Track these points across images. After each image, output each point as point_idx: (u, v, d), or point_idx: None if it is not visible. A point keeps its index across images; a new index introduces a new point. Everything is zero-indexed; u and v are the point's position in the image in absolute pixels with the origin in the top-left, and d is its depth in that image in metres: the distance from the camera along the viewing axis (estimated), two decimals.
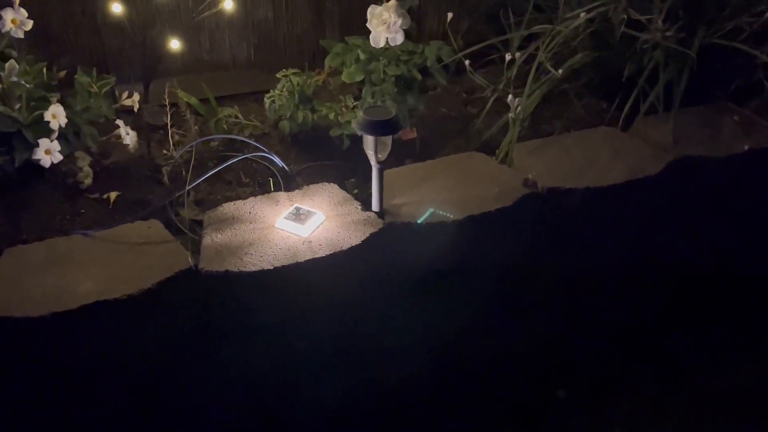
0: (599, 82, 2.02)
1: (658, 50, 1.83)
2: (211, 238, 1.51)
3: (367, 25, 1.75)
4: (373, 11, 1.74)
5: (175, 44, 1.96)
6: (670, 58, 1.83)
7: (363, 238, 1.51)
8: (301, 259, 1.46)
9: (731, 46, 1.82)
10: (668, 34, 1.79)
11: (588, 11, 1.86)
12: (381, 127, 1.51)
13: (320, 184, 1.69)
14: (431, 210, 1.57)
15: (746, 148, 1.83)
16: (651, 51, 1.84)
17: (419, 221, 1.56)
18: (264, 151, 1.81)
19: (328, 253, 1.48)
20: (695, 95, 1.89)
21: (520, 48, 1.96)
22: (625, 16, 1.82)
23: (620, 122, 1.91)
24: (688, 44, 1.81)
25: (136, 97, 1.83)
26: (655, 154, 1.81)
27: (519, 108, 1.81)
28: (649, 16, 1.81)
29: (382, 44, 1.77)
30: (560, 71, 1.85)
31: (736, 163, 1.84)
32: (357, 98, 1.90)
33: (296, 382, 1.63)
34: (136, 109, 1.83)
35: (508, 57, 1.89)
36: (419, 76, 1.89)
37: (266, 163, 1.82)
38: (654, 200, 1.81)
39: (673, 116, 1.85)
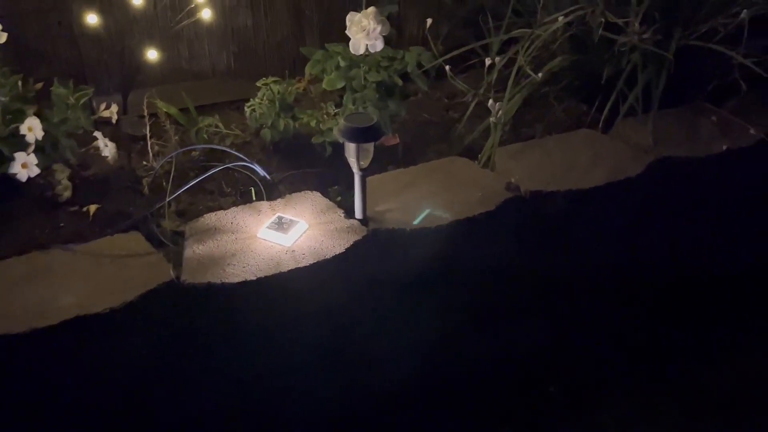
0: (579, 85, 2.04)
1: (636, 53, 1.85)
2: (193, 250, 1.50)
3: (347, 32, 1.74)
4: (352, 18, 1.74)
5: (153, 54, 1.95)
6: (648, 61, 1.85)
7: (347, 246, 1.51)
8: (285, 269, 1.45)
9: (707, 47, 1.85)
10: (645, 36, 1.80)
11: (566, 15, 1.87)
12: (363, 134, 1.50)
13: (303, 192, 1.69)
14: (427, 211, 1.57)
15: (724, 148, 1.85)
16: (629, 53, 1.86)
17: (415, 222, 1.56)
18: (245, 161, 1.80)
19: (311, 262, 1.47)
20: (673, 96, 1.91)
21: (499, 52, 1.97)
22: (602, 20, 1.84)
23: (600, 124, 1.93)
24: (664, 46, 1.83)
25: (115, 108, 1.81)
26: (635, 155, 1.83)
27: (500, 112, 1.82)
28: (625, 19, 1.82)
29: (362, 51, 1.77)
30: (540, 75, 1.86)
31: (715, 163, 1.86)
32: (338, 105, 1.90)
33: (283, 391, 1.62)
34: (114, 120, 1.81)
35: (488, 62, 1.90)
36: (400, 82, 1.90)
37: (248, 173, 1.81)
38: (636, 201, 1.83)
39: (652, 118, 1.87)
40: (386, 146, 1.91)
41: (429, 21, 1.98)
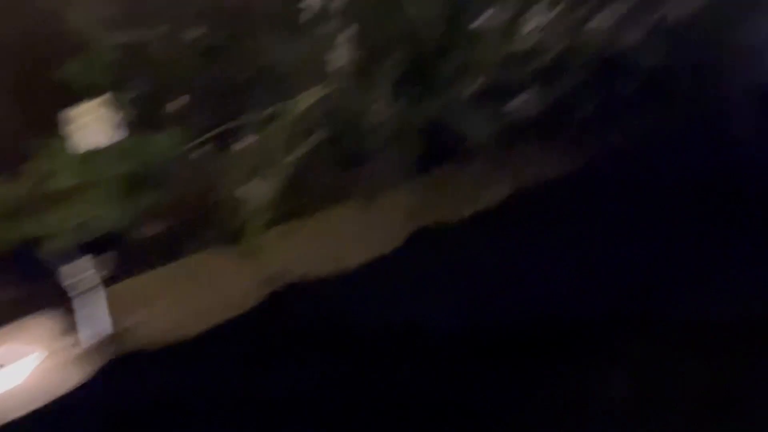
0: (339, 158, 2.06)
1: (388, 124, 1.92)
2: None
3: (69, 128, 1.57)
4: (75, 113, 1.57)
5: None
6: (400, 131, 1.94)
7: (88, 374, 1.33)
8: (8, 417, 1.22)
9: (452, 114, 1.98)
10: (394, 110, 1.89)
11: (319, 90, 1.89)
12: (95, 246, 1.35)
13: (34, 314, 1.47)
14: None
15: (473, 210, 1.98)
16: (383, 126, 1.93)
17: None
18: None
19: (43, 403, 1.26)
20: (428, 162, 2.02)
21: (258, 130, 1.92)
22: (354, 96, 1.89)
23: (365, 195, 1.96)
24: (414, 117, 1.94)
25: None
26: (398, 224, 1.88)
27: (263, 193, 1.77)
28: (375, 96, 1.89)
29: (93, 145, 1.61)
30: (300, 151, 1.84)
31: (473, 222, 1.98)
32: (74, 204, 1.69)
33: None
34: None
35: (243, 141, 1.84)
36: (151, 170, 1.76)
37: None
38: (406, 270, 1.86)
39: (412, 185, 1.95)
40: (138, 242, 1.75)
41: (181, 102, 1.87)
